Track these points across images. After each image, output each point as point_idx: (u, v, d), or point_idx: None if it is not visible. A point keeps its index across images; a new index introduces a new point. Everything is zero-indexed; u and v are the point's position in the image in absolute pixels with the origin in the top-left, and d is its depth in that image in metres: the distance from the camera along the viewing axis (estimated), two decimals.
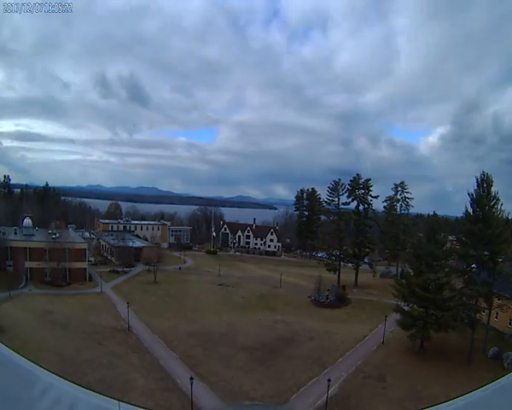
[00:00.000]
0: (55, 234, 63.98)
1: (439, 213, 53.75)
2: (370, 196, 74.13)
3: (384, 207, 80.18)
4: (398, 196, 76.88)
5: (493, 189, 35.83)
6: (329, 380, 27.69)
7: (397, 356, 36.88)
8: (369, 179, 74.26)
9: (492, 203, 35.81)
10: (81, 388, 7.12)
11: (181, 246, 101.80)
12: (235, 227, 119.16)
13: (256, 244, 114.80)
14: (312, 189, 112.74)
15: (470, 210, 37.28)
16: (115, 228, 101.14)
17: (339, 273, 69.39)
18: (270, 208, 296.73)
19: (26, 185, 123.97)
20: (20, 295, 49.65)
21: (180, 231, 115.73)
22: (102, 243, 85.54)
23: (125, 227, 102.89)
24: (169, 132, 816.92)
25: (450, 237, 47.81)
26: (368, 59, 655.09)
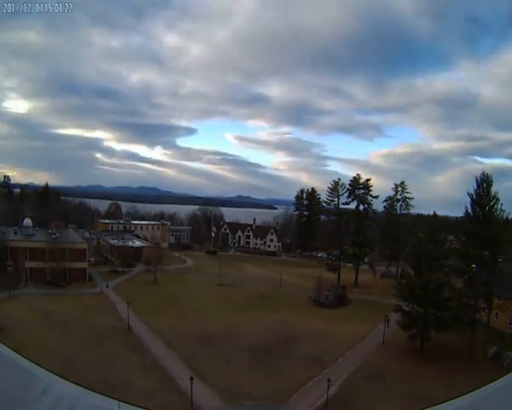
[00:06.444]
0: (55, 234, 63.99)
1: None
2: (370, 195, 74.44)
3: (384, 207, 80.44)
4: (398, 196, 77.19)
5: (493, 188, 35.94)
6: (329, 380, 27.71)
7: (397, 356, 36.88)
8: (369, 179, 74.55)
9: (492, 203, 35.85)
10: (81, 388, 7.10)
11: (181, 246, 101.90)
12: (235, 227, 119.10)
13: (256, 244, 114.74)
14: (312, 189, 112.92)
15: (470, 210, 37.36)
16: (115, 228, 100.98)
17: (339, 273, 69.44)
18: (270, 208, 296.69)
19: (26, 185, 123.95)
20: (20, 295, 49.61)
21: (180, 231, 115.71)
22: (102, 243, 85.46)
23: (125, 227, 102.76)
24: None
25: (450, 237, 47.88)
26: None
